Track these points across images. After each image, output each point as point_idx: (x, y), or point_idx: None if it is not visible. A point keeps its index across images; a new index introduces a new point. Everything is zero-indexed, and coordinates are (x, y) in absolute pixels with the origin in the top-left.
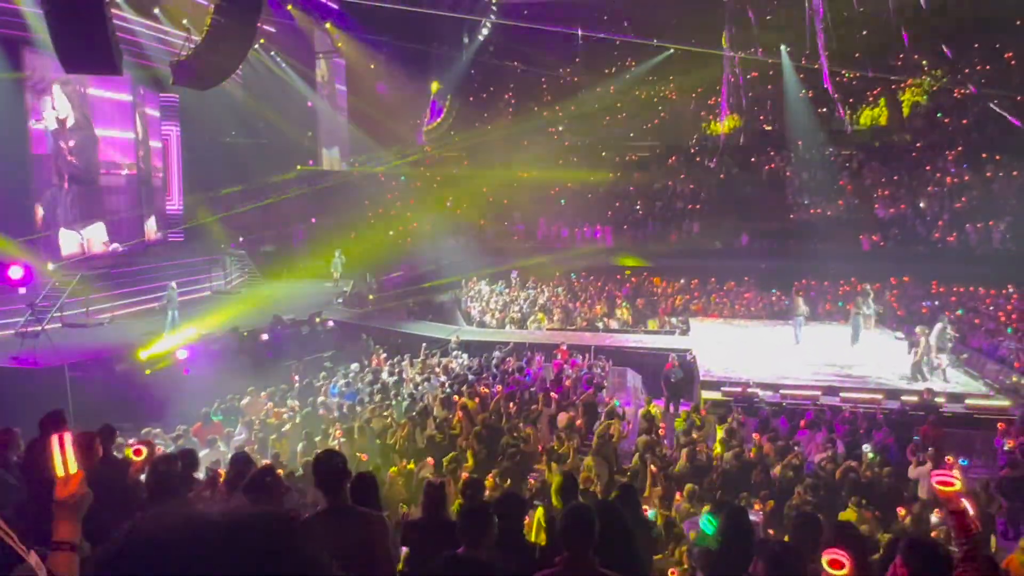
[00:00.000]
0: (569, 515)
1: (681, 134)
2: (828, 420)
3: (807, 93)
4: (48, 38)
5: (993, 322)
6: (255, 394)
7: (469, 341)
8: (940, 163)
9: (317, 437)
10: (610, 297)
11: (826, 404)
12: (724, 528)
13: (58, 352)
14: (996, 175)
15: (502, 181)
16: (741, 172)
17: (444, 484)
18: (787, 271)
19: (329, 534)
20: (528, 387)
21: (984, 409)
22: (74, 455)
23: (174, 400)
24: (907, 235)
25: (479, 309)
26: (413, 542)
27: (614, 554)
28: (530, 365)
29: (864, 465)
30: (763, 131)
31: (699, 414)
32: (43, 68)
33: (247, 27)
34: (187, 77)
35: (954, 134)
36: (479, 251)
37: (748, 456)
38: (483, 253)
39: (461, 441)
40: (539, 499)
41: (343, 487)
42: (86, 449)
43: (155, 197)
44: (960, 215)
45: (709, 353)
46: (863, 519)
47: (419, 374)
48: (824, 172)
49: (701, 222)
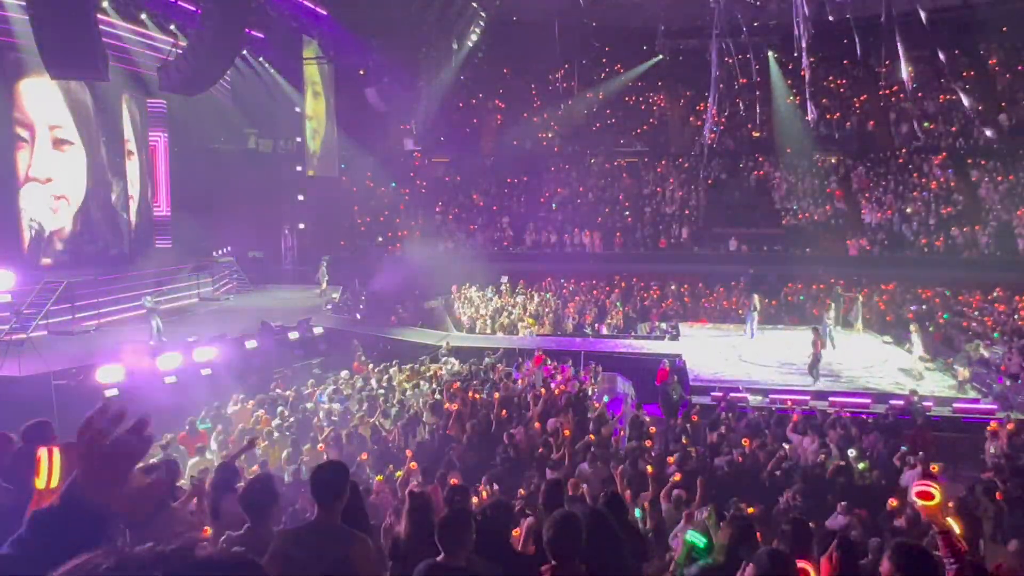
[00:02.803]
0: (555, 523)
1: (670, 140)
2: (818, 424)
3: (795, 99)
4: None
5: (980, 326)
6: (243, 401)
7: (459, 347)
8: (926, 168)
9: (305, 445)
10: (600, 303)
11: (815, 408)
12: (734, 541)
13: (43, 360)
14: (981, 180)
15: (491, 186)
16: (729, 178)
17: (428, 494)
18: (775, 276)
19: (303, 551)
20: (518, 393)
21: (971, 412)
22: (60, 471)
23: (160, 408)
24: (894, 240)
25: (469, 315)
26: (399, 554)
27: (603, 561)
28: (520, 371)
29: (856, 473)
30: (751, 137)
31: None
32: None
33: (234, 33)
34: (174, 82)
35: (940, 139)
36: (469, 257)
37: (738, 461)
38: (473, 259)
39: (451, 446)
40: (530, 506)
41: (337, 504)
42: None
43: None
44: (946, 220)
45: (698, 358)
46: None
47: (408, 380)
48: (812, 178)
49: (690, 228)
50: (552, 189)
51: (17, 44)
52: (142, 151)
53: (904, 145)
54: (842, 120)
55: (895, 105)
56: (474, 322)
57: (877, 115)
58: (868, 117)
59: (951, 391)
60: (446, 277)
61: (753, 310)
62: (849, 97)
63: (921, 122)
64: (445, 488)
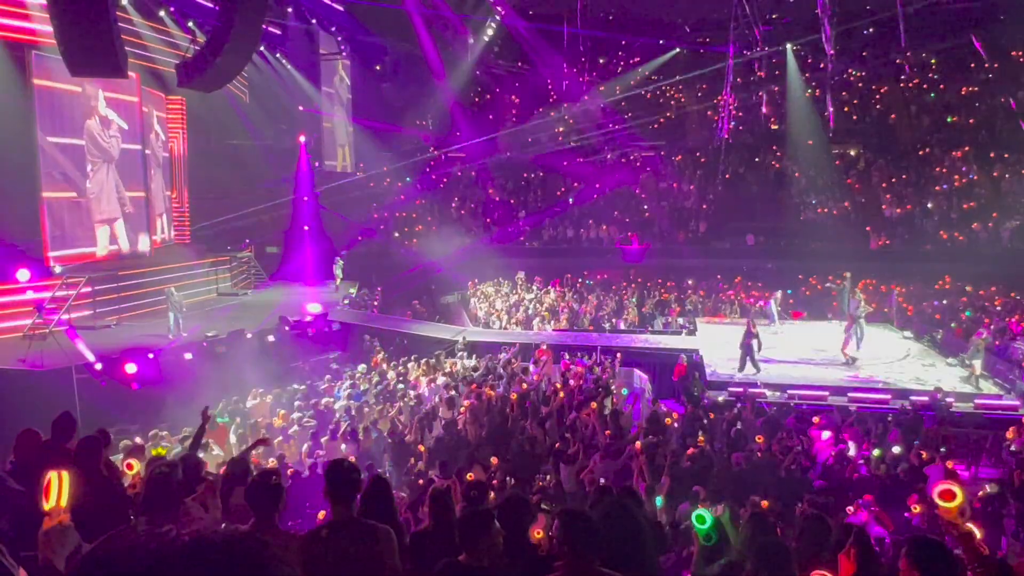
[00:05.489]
0: (564, 519)
1: (687, 133)
2: (836, 421)
3: (814, 91)
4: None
5: (1003, 322)
6: (261, 395)
7: (475, 342)
8: (947, 162)
9: (323, 439)
10: (617, 298)
11: (834, 404)
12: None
13: (65, 354)
14: (1004, 174)
15: (507, 181)
16: (747, 172)
17: (450, 489)
18: (793, 271)
19: (332, 551)
20: (534, 387)
21: (994, 409)
22: (69, 494)
23: (181, 402)
24: (914, 235)
25: (485, 310)
26: (420, 552)
27: (624, 554)
28: (536, 366)
29: (873, 465)
30: (769, 130)
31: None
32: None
33: (252, 29)
34: (192, 79)
35: (962, 132)
36: (485, 252)
37: (756, 457)
38: (489, 254)
39: (467, 441)
40: (547, 501)
41: (352, 499)
42: (88, 455)
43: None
44: (968, 214)
45: (716, 353)
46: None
47: (425, 375)
48: (831, 171)
49: (708, 222)
50: (569, 184)
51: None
52: (160, 148)
53: (925, 138)
54: (862, 113)
55: (916, 97)
56: (490, 317)
57: (898, 107)
58: (889, 110)
59: (971, 387)
60: (462, 272)
61: (775, 301)
62: (869, 89)
63: (943, 114)
64: (462, 483)
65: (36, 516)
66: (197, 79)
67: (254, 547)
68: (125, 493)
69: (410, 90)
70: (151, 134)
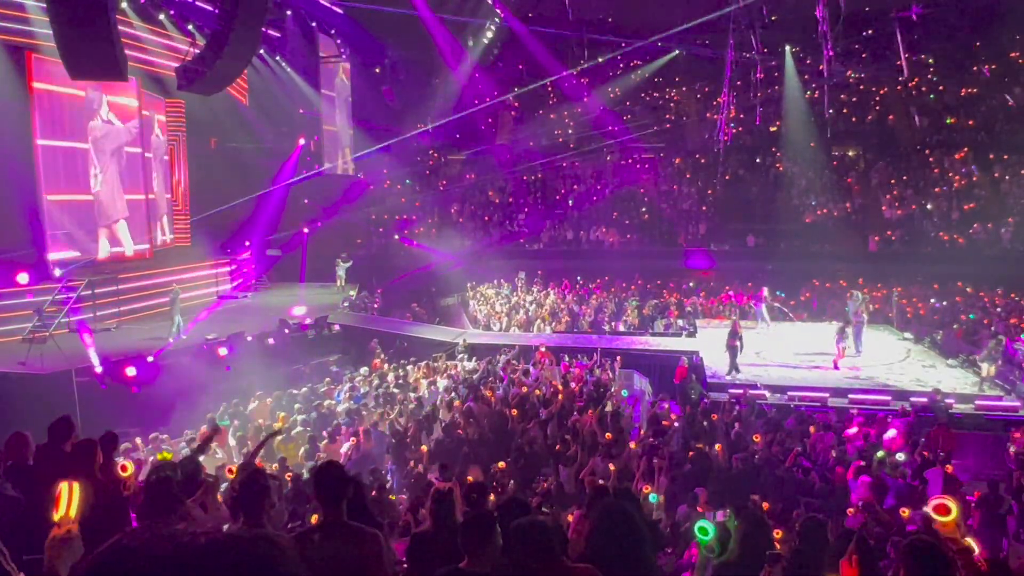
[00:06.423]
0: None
1: (687, 135)
2: (836, 423)
3: (813, 93)
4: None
5: (1003, 323)
6: (262, 398)
7: (475, 344)
8: (947, 163)
9: (323, 442)
10: (617, 300)
11: (834, 406)
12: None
13: (66, 357)
14: (1004, 175)
15: (507, 184)
16: (747, 173)
17: (452, 491)
18: (793, 272)
19: (319, 553)
20: (534, 389)
21: (994, 410)
22: (79, 505)
23: (181, 405)
24: (914, 236)
25: (485, 312)
26: (420, 554)
27: (622, 555)
28: (536, 367)
29: (874, 467)
30: (768, 132)
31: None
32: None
33: (251, 32)
34: (192, 82)
35: (961, 133)
36: (485, 254)
37: (756, 460)
38: (489, 256)
39: (467, 444)
40: (547, 503)
41: (341, 501)
42: (87, 457)
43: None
44: (968, 216)
45: (715, 355)
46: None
47: (424, 377)
48: (830, 173)
49: (707, 224)
50: (568, 186)
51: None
52: (160, 151)
53: (925, 139)
54: (861, 114)
55: (916, 99)
56: (490, 319)
57: (897, 109)
58: (888, 111)
59: (973, 388)
60: (462, 274)
61: (763, 302)
62: (868, 91)
63: (942, 116)
64: (463, 485)
65: (30, 520)
66: (197, 82)
67: (266, 547)
68: (123, 496)
69: (410, 92)
70: (151, 137)
